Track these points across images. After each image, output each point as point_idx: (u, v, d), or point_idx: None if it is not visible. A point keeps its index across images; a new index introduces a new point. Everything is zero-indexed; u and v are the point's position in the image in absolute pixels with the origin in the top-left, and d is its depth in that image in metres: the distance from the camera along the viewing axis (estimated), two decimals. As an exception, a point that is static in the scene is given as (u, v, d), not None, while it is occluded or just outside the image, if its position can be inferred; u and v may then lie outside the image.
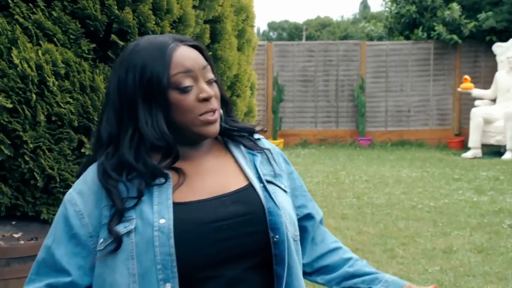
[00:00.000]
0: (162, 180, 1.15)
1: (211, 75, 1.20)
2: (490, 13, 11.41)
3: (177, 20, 2.44)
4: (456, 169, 9.00)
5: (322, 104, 12.37)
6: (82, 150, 2.44)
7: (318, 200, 6.71)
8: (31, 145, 2.30)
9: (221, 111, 1.24)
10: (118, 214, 1.12)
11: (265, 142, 1.36)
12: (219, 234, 1.12)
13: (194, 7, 2.54)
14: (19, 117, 2.24)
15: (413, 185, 7.65)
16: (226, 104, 1.27)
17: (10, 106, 2.18)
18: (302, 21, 34.73)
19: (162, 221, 1.10)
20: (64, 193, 2.43)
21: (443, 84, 12.17)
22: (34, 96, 2.20)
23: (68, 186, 2.42)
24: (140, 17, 2.31)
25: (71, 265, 1.14)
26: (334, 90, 12.37)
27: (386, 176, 8.36)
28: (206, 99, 1.16)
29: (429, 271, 4.23)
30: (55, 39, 2.28)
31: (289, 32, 34.27)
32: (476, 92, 10.92)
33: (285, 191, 1.28)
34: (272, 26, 39.35)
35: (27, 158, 2.31)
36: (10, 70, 2.18)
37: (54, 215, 2.41)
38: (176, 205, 1.13)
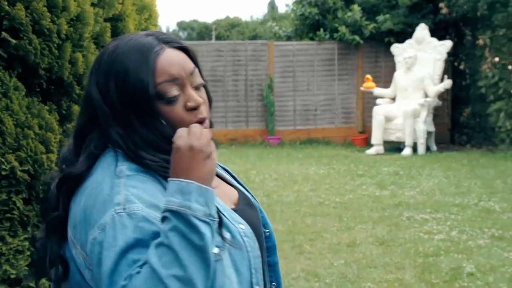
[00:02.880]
0: None
1: (199, 80, 1.13)
2: (387, 15, 12.01)
3: (74, 18, 2.34)
4: (360, 165, 9.40)
5: (232, 104, 12.45)
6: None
7: (229, 200, 6.74)
8: None
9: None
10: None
11: None
12: (261, 235, 1.21)
13: (92, 4, 2.45)
14: None
15: (320, 182, 7.89)
16: (210, 106, 1.23)
17: None
18: (212, 21, 34.74)
19: (241, 226, 1.11)
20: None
21: (347, 84, 12.66)
22: None
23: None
24: (34, 14, 2.20)
25: None
26: (244, 89, 12.49)
27: (295, 174, 8.56)
28: (195, 108, 1.10)
29: (334, 264, 4.39)
30: None
31: (199, 32, 34.17)
32: (377, 91, 11.46)
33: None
34: (181, 25, 39.03)
35: None
36: None
37: None
38: (234, 211, 1.15)
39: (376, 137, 10.88)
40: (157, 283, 0.85)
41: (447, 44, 11.33)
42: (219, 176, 1.25)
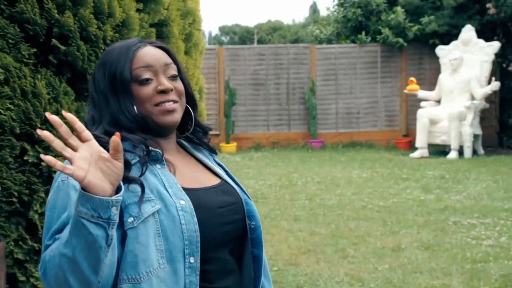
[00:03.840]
0: (158, 165, 1.26)
1: (173, 72, 1.32)
2: (432, 17, 11.78)
3: (120, 24, 2.40)
4: (404, 169, 9.24)
5: (274, 107, 12.46)
6: (25, 158, 2.37)
7: (271, 203, 6.75)
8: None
9: (190, 109, 1.37)
10: (125, 165, 1.13)
11: None
12: (222, 218, 1.28)
13: (138, 10, 2.51)
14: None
15: (363, 186, 7.79)
16: (192, 100, 1.39)
17: None
18: (254, 25, 34.90)
19: (182, 202, 1.22)
20: (7, 202, 2.36)
21: (390, 86, 12.47)
22: (-29, 103, 2.12)
23: (11, 195, 2.35)
24: (82, 21, 2.26)
25: None
26: (286, 93, 12.48)
27: (337, 177, 8.49)
28: (164, 91, 1.28)
29: (379, 269, 4.32)
30: (-8, 44, 2.21)
31: (241, 36, 34.37)
32: (421, 93, 11.25)
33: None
34: (223, 30, 39.37)
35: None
36: None
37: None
38: (185, 190, 1.25)
39: (421, 140, 10.67)
40: (56, 256, 1.10)
41: (495, 45, 11.02)
42: (202, 162, 1.41)
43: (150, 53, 1.30)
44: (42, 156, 1.04)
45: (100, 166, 1.06)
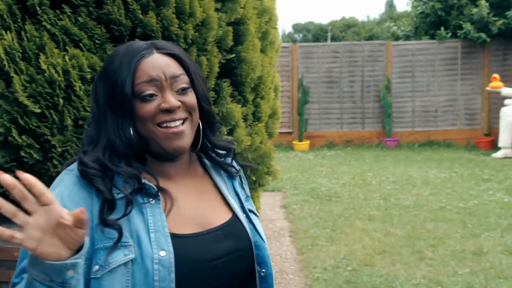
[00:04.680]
0: (152, 201, 1.10)
1: (182, 84, 1.13)
2: (519, 10, 11.20)
3: (200, 24, 2.45)
4: (485, 169, 8.84)
5: (347, 105, 12.30)
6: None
7: (345, 202, 6.67)
8: (59, 149, 2.34)
9: (200, 124, 1.19)
10: (109, 204, 1.05)
11: (234, 161, 1.31)
12: (216, 272, 1.10)
13: (216, 10, 2.55)
14: (47, 121, 2.28)
15: (441, 186, 7.54)
16: (207, 117, 1.20)
17: (39, 111, 2.23)
18: (327, 22, 34.60)
19: (162, 253, 1.05)
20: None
21: (471, 84, 11.98)
22: (61, 100, 2.24)
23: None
24: (164, 21, 2.33)
25: None
26: (360, 91, 12.28)
27: (413, 177, 8.26)
28: (168, 110, 1.11)
29: (459, 273, 4.16)
30: (81, 44, 2.32)
31: (314, 34, 34.17)
32: (505, 91, 10.71)
33: (257, 215, 1.27)
34: (297, 27, 39.29)
35: (55, 162, 2.35)
36: (38, 76, 2.22)
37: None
38: (173, 236, 1.08)
39: (504, 140, 10.17)
40: None
41: None
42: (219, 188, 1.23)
43: (156, 64, 1.12)
44: None
45: (58, 233, 0.91)
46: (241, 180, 1.29)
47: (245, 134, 2.80)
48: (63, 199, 1.05)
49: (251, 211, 1.24)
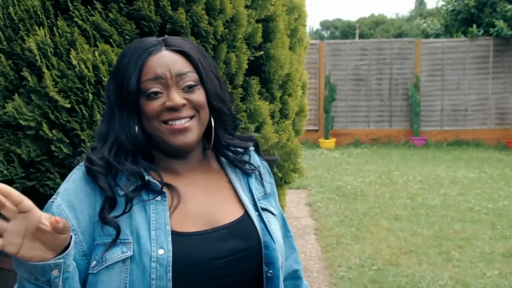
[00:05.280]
0: (158, 198, 1.10)
1: (189, 82, 1.12)
2: (554, 7, 10.92)
3: (229, 20, 2.45)
4: (516, 170, 8.67)
5: (375, 103, 12.18)
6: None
7: (371, 201, 6.61)
8: (88, 144, 2.37)
9: (212, 121, 1.18)
10: (110, 202, 1.06)
11: (256, 157, 1.30)
12: (217, 272, 1.08)
13: (246, 6, 2.54)
14: (77, 116, 2.31)
15: (470, 186, 7.41)
16: (219, 114, 1.19)
17: (69, 106, 2.26)
18: (355, 19, 34.30)
19: (160, 251, 1.04)
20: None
21: (503, 82, 11.74)
22: (91, 96, 2.27)
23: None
24: (193, 17, 2.33)
25: None
26: (388, 89, 12.15)
27: (441, 177, 8.14)
28: (173, 108, 1.11)
29: (487, 275, 4.09)
30: (111, 40, 2.34)
31: (342, 31, 33.91)
32: (538, 90, 10.48)
33: (275, 214, 1.24)
34: (324, 24, 39.05)
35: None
36: (69, 71, 2.25)
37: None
38: (174, 234, 1.07)
39: (536, 140, 9.95)
40: None
41: None
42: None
43: (162, 62, 1.12)
44: None
45: (39, 237, 0.93)
46: (261, 177, 1.26)
47: (272, 131, 2.79)
48: (69, 194, 1.09)
49: (265, 209, 1.21)
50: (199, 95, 1.13)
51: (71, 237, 0.99)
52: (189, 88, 1.12)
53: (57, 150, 2.29)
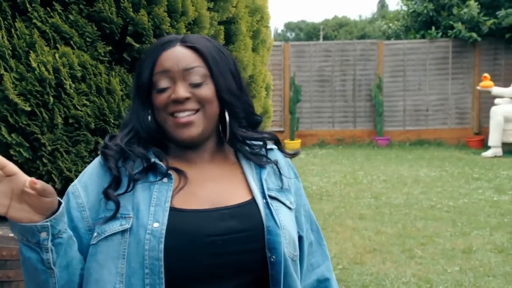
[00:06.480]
0: (165, 179, 1.15)
1: (195, 77, 1.16)
2: (510, 10, 11.25)
3: (192, 22, 2.45)
4: (475, 168, 8.90)
5: (339, 104, 12.33)
6: (99, 152, 2.47)
7: (336, 201, 6.69)
8: (49, 148, 2.33)
9: (227, 118, 1.20)
10: (115, 181, 1.13)
11: (278, 154, 1.31)
12: (214, 248, 1.10)
13: (208, 9, 2.55)
14: (37, 119, 2.27)
15: (431, 185, 7.58)
16: (231, 108, 1.21)
17: (29, 109, 2.22)
18: (320, 21, 34.65)
19: (155, 224, 1.08)
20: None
21: (462, 83, 12.05)
22: (51, 99, 2.23)
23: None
24: (155, 19, 2.33)
25: None
26: (352, 90, 12.32)
27: (404, 176, 8.30)
28: (177, 101, 1.15)
29: (448, 271, 4.19)
30: (71, 42, 2.31)
31: (307, 32, 34.21)
32: (496, 90, 10.78)
33: (289, 208, 1.24)
34: (289, 26, 39.31)
35: (45, 161, 2.34)
36: (28, 74, 2.21)
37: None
38: (173, 210, 1.11)
39: (494, 139, 10.24)
40: None
41: None
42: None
43: (172, 56, 1.17)
44: None
45: (25, 199, 1.00)
46: (279, 172, 1.27)
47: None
48: (85, 176, 1.20)
49: (275, 198, 1.21)
50: (206, 90, 1.17)
51: (59, 203, 1.06)
52: (196, 83, 1.17)
53: (16, 154, 2.25)
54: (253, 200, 1.17)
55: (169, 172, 1.16)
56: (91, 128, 2.43)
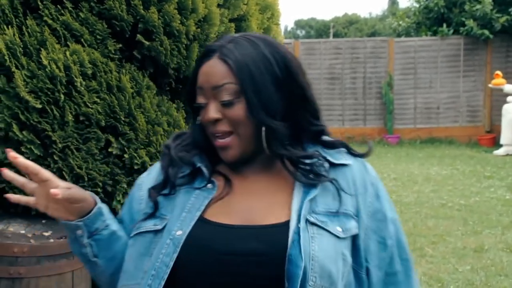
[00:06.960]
0: (209, 185, 1.13)
1: (225, 96, 1.07)
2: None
3: (202, 19, 2.44)
4: (487, 166, 8.83)
5: (349, 101, 12.28)
6: (109, 150, 2.47)
7: (346, 199, 6.66)
8: (59, 145, 2.34)
9: (264, 137, 1.08)
10: (163, 181, 1.16)
11: (354, 170, 1.19)
12: (227, 268, 1.03)
13: (218, 5, 2.54)
14: (48, 117, 2.27)
15: (442, 183, 7.53)
16: (267, 128, 1.08)
17: (39, 106, 2.22)
18: (330, 19, 34.54)
19: (179, 232, 1.07)
20: (92, 192, 2.47)
21: (473, 80, 11.95)
22: (62, 96, 2.24)
23: (96, 185, 2.46)
24: (166, 17, 2.32)
25: None
26: (362, 87, 12.27)
27: (415, 174, 8.25)
28: (210, 122, 1.09)
29: (459, 270, 4.16)
30: (82, 39, 2.31)
31: (317, 30, 34.12)
32: (508, 87, 10.68)
33: (336, 236, 1.07)
34: (299, 24, 39.24)
35: (56, 158, 2.35)
36: (39, 71, 2.22)
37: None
38: (201, 220, 1.07)
39: (506, 137, 10.15)
40: None
41: None
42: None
43: (206, 72, 1.09)
44: (9, 196, 1.12)
45: (59, 202, 1.10)
46: (338, 193, 1.11)
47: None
48: (149, 173, 1.25)
49: (315, 224, 1.05)
50: (236, 111, 1.07)
51: (95, 205, 1.14)
52: (226, 102, 1.07)
53: (28, 152, 2.26)
54: (287, 223, 1.05)
55: (214, 179, 1.13)
56: (101, 126, 2.43)
